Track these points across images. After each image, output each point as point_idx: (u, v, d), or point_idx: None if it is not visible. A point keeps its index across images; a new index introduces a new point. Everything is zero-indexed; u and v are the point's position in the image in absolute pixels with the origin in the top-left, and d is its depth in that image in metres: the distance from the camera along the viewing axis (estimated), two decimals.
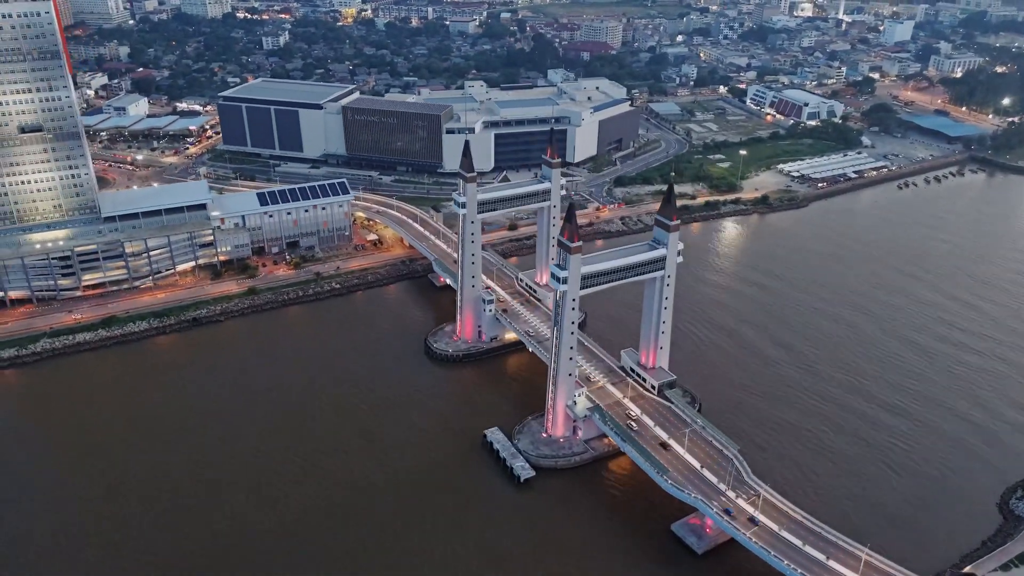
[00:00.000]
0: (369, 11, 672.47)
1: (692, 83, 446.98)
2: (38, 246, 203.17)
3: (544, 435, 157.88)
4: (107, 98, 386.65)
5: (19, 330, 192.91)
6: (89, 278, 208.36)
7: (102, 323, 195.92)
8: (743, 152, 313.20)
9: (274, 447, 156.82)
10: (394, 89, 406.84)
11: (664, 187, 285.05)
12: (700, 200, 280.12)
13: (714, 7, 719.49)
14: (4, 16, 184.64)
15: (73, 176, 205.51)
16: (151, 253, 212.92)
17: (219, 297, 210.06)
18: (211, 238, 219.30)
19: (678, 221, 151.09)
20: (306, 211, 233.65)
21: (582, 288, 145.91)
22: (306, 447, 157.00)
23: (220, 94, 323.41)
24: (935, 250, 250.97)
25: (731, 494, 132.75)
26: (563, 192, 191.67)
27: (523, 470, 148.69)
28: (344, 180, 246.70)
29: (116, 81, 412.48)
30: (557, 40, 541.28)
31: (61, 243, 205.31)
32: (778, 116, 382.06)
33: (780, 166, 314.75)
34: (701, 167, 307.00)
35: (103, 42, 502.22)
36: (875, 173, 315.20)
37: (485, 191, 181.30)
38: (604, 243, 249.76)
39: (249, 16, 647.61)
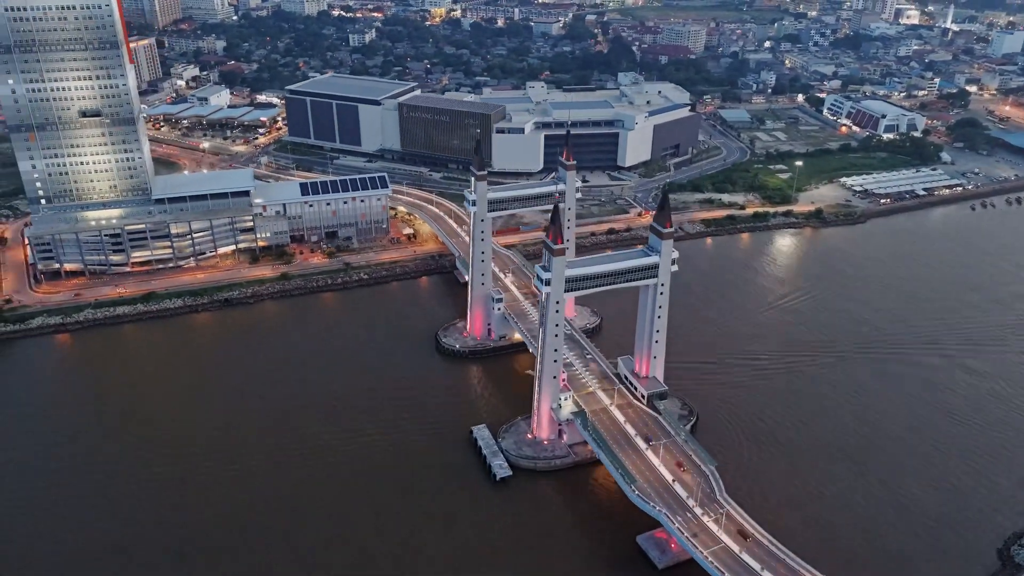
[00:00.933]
0: (459, 11, 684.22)
1: (770, 90, 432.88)
2: (92, 223, 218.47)
3: (529, 436, 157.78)
4: (196, 88, 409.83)
5: (69, 300, 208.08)
6: (138, 255, 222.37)
7: (142, 298, 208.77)
8: (799, 163, 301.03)
9: (278, 423, 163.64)
10: (464, 88, 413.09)
11: (716, 195, 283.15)
12: (749, 211, 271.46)
13: (812, 12, 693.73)
14: (68, 8, 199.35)
15: (128, 159, 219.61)
16: (195, 235, 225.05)
17: (253, 280, 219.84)
18: (251, 223, 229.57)
19: (671, 228, 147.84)
20: (345, 203, 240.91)
21: (568, 291, 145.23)
22: (306, 426, 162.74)
23: (287, 87, 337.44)
24: (985, 279, 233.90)
25: (698, 510, 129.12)
26: (577, 195, 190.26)
27: (500, 468, 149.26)
28: (384, 174, 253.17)
29: (205, 73, 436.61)
30: (636, 43, 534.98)
31: (114, 221, 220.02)
32: (854, 128, 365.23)
33: (843, 179, 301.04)
34: (756, 177, 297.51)
35: (203, 36, 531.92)
36: (948, 191, 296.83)
37: (496, 190, 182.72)
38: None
39: (343, 14, 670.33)
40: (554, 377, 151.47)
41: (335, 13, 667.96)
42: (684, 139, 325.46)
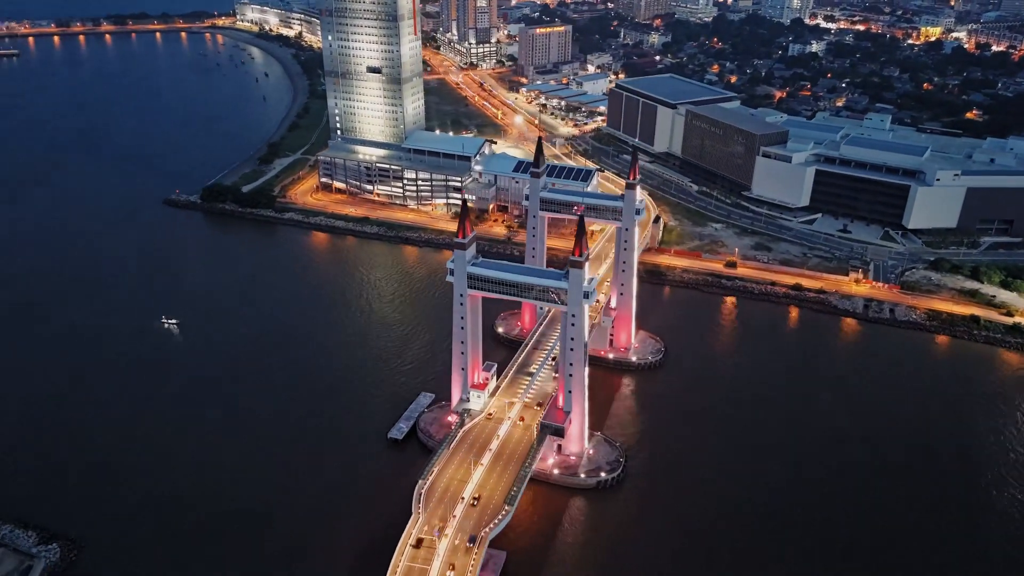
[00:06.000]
0: (963, 34, 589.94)
1: None
2: (360, 156, 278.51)
3: (448, 419, 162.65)
4: (592, 74, 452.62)
5: (318, 206, 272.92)
6: (380, 188, 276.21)
7: (357, 219, 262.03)
8: None
9: (324, 341, 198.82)
10: (843, 114, 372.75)
11: (996, 290, 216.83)
12: (1012, 320, 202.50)
13: None
14: None
15: (393, 111, 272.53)
16: (419, 183, 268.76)
17: (436, 230, 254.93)
18: (459, 184, 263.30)
19: (580, 257, 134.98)
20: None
21: (474, 289, 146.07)
22: (325, 349, 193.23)
23: (617, 82, 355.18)
24: None
25: (449, 532, 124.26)
26: (638, 217, 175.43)
27: (397, 431, 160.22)
28: (594, 170, 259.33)
29: (608, 64, 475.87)
30: None
31: (373, 158, 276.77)
32: None
33: None
34: None
35: (649, 31, 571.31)
36: None
37: (550, 191, 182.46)
38: (853, 326, 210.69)
39: (821, 23, 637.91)
40: (462, 368, 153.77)
41: (812, 22, 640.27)
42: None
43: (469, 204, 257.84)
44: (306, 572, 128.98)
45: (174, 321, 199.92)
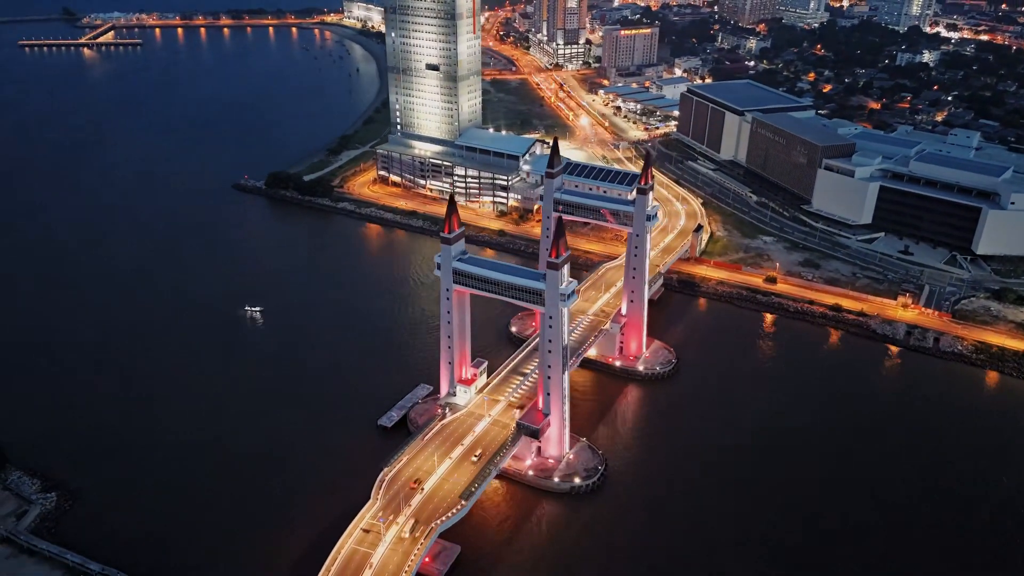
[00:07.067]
0: None
1: None
2: (416, 151, 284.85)
3: (437, 411, 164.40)
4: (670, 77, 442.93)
5: (372, 198, 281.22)
6: (432, 183, 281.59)
7: (405, 213, 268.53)
8: None
9: (347, 313, 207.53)
10: (936, 128, 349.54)
11: None
12: (1016, 345, 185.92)
13: None
14: None
15: (449, 108, 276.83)
16: (468, 180, 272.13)
17: (478, 227, 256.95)
18: (505, 183, 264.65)
19: (558, 260, 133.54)
20: (589, 188, 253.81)
21: (461, 285, 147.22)
22: (349, 338, 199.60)
23: (688, 86, 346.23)
24: None
25: (401, 520, 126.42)
26: (650, 225, 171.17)
27: (387, 419, 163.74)
28: (639, 174, 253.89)
29: (696, 68, 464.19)
30: None
31: (427, 153, 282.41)
32: None
33: None
34: None
35: (748, 36, 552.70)
36: None
37: (564, 192, 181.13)
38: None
39: (941, 33, 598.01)
40: (449, 363, 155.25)
41: (931, 30, 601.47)
42: None
43: (515, 203, 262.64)
44: (256, 550, 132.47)
45: (258, 308, 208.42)
